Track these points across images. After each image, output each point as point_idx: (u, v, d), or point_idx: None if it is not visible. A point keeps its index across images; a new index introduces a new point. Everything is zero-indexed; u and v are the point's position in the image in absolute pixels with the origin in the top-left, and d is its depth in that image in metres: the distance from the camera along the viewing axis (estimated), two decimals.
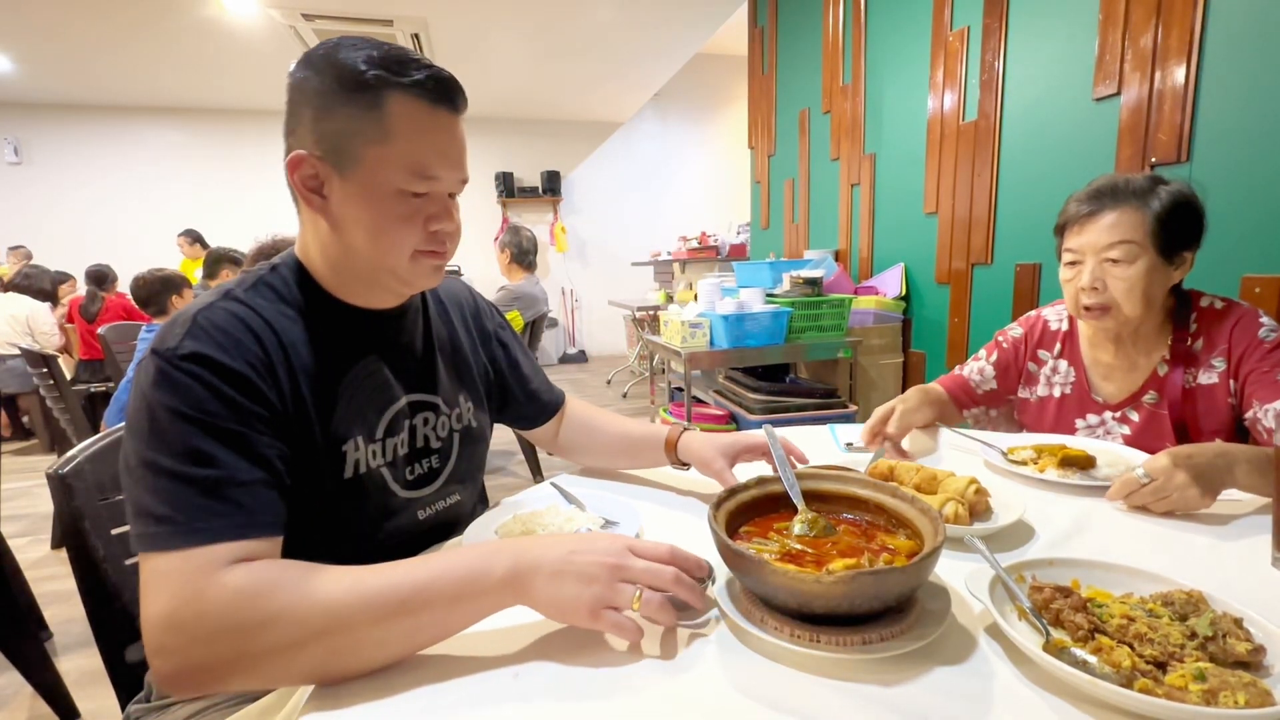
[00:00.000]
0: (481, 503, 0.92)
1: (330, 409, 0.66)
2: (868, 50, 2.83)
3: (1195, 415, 1.03)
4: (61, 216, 5.95)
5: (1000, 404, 1.30)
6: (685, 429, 0.91)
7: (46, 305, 4.13)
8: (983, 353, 1.29)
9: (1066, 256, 1.08)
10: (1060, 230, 1.10)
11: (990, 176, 2.18)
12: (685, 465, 0.92)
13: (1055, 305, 1.24)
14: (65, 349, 4.19)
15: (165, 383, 0.56)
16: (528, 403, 0.96)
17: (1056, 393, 1.19)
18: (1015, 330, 1.26)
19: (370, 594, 0.51)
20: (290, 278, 0.69)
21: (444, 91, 0.64)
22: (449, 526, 0.80)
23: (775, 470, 0.72)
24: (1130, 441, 1.07)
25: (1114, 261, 1.00)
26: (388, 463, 0.72)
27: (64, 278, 4.72)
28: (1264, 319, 1.00)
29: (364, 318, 0.72)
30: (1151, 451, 0.92)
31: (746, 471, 0.78)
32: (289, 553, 0.61)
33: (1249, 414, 0.98)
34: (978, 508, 0.76)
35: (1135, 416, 1.09)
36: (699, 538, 0.75)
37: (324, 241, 0.68)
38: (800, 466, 0.78)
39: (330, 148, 0.63)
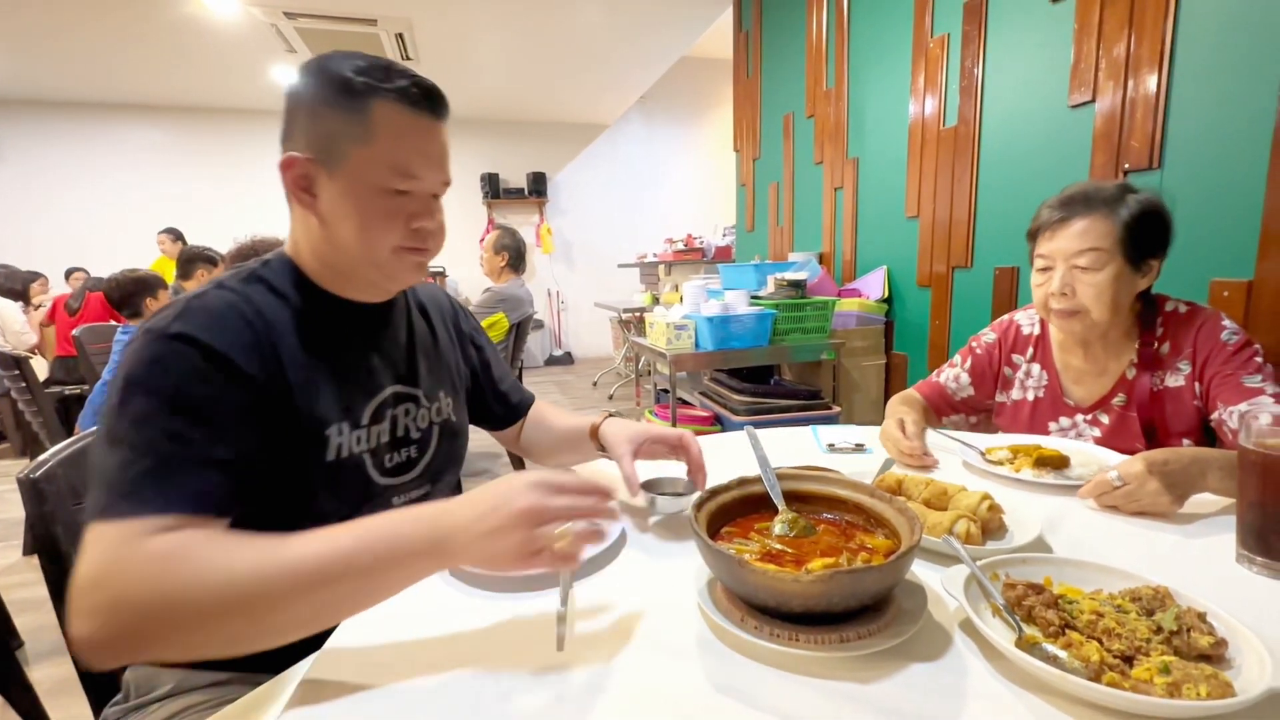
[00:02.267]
0: None
1: (316, 394, 0.69)
2: (850, 56, 2.86)
3: (1164, 417, 1.06)
4: (37, 215, 5.81)
5: (978, 411, 1.32)
6: (610, 415, 0.95)
7: (18, 305, 4.04)
8: (957, 359, 1.31)
9: (1038, 262, 1.10)
10: (1032, 236, 1.12)
11: (970, 181, 2.21)
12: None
13: (1027, 309, 1.26)
14: (39, 349, 4.10)
15: (149, 357, 0.59)
16: (498, 403, 1.01)
17: (1030, 396, 1.21)
18: (989, 335, 1.28)
19: (290, 563, 0.51)
20: (281, 272, 0.73)
21: (425, 98, 0.69)
22: None
23: (759, 470, 0.72)
24: (1101, 443, 1.09)
25: (1083, 268, 1.03)
26: (369, 449, 0.74)
27: (35, 277, 4.62)
28: (1226, 322, 1.03)
29: (352, 310, 0.76)
30: (1123, 452, 0.95)
31: (651, 470, 0.82)
32: (266, 528, 0.61)
33: (1214, 415, 1.00)
34: (990, 525, 0.73)
35: (1105, 419, 1.12)
36: (681, 538, 0.76)
37: (314, 238, 0.72)
38: (782, 467, 0.79)
39: (320, 149, 0.68)
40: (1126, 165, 1.66)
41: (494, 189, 6.76)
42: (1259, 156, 1.38)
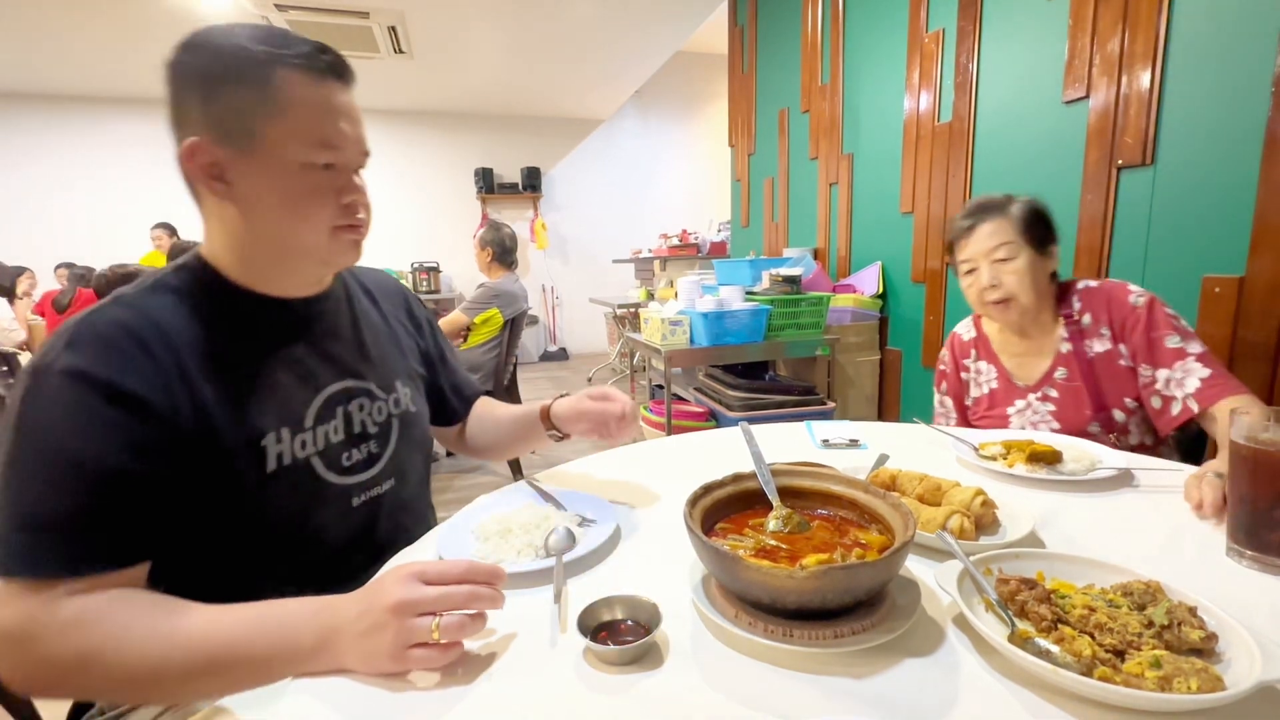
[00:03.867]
0: (423, 503, 0.90)
1: (243, 404, 0.65)
2: (846, 51, 2.85)
3: (1103, 381, 1.18)
4: (22, 209, 5.75)
5: (972, 426, 1.39)
6: (559, 397, 0.93)
7: (3, 300, 4.00)
8: (935, 389, 1.45)
9: (962, 267, 1.26)
10: (950, 247, 1.30)
11: (964, 177, 2.21)
12: (562, 435, 0.94)
13: (964, 320, 1.42)
14: (27, 345, 4.06)
15: (39, 400, 0.55)
16: (453, 395, 0.98)
17: (985, 389, 1.34)
18: (944, 354, 1.43)
19: (183, 645, 0.52)
20: (195, 277, 0.67)
21: (330, 65, 0.65)
22: (379, 517, 0.78)
23: (753, 466, 0.72)
24: (1057, 416, 1.21)
25: (1002, 260, 1.19)
26: (318, 451, 0.70)
27: (20, 271, 4.57)
28: (1132, 286, 1.16)
29: (281, 307, 0.71)
30: (1078, 421, 1.18)
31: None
32: (215, 550, 0.64)
33: (1142, 375, 1.12)
34: (984, 520, 0.73)
35: (1054, 393, 1.23)
36: (676, 535, 0.76)
37: (232, 230, 0.66)
38: (776, 463, 0.79)
39: (226, 130, 0.62)
40: (1120, 161, 1.66)
41: (488, 184, 6.72)
42: (1251, 153, 1.38)
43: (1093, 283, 1.22)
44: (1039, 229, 1.20)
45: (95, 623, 0.53)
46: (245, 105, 0.61)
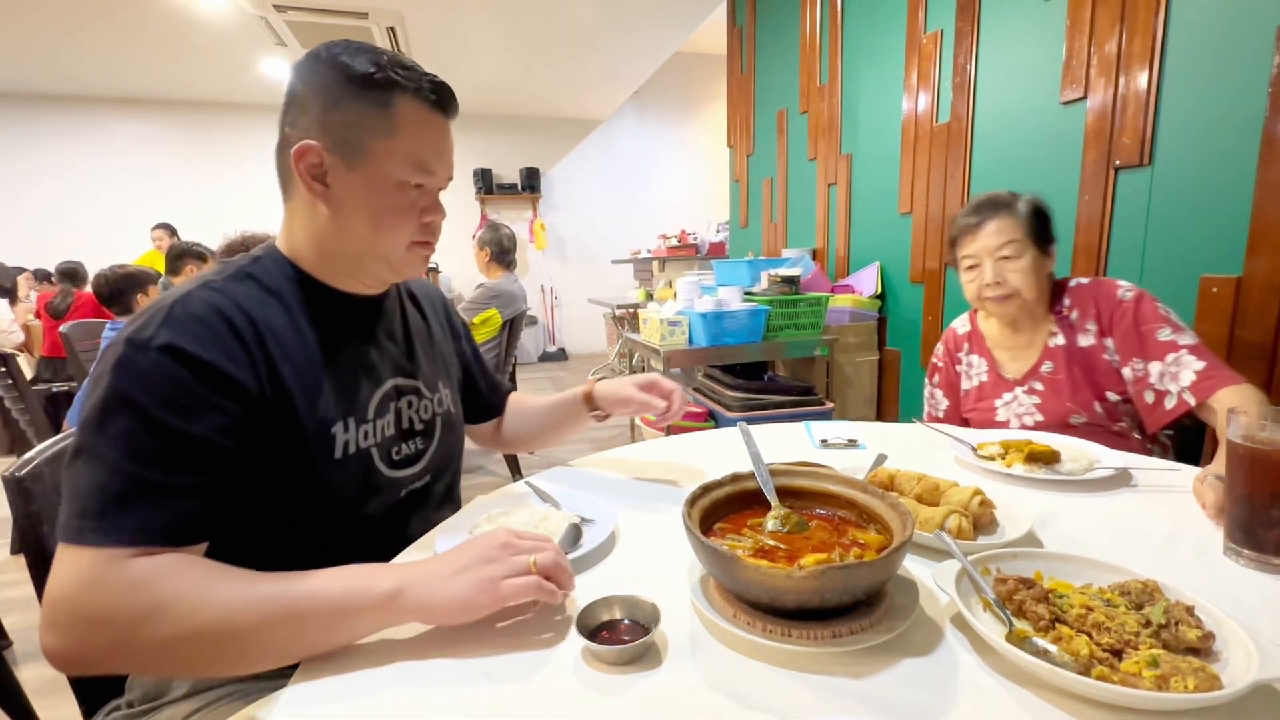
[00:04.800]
0: (450, 501, 0.92)
1: (317, 392, 0.68)
2: (844, 52, 2.86)
3: (1087, 375, 1.19)
4: (22, 210, 5.74)
5: (960, 422, 1.40)
6: (598, 380, 1.00)
7: (4, 301, 3.99)
8: (927, 380, 1.47)
9: (965, 262, 1.28)
10: (953, 243, 1.30)
11: (962, 177, 2.22)
12: (603, 415, 1.01)
13: (960, 316, 1.44)
14: (26, 347, 4.05)
15: (132, 372, 0.57)
16: (490, 393, 1.04)
17: (975, 382, 1.36)
18: (939, 349, 1.45)
19: (258, 598, 0.53)
20: (274, 267, 0.71)
21: (442, 98, 0.71)
22: (417, 511, 0.82)
23: (752, 466, 0.72)
24: (1042, 408, 1.23)
25: (1007, 257, 1.20)
26: (376, 443, 0.74)
27: (20, 271, 4.56)
28: (1121, 282, 1.18)
29: (349, 303, 0.75)
30: (1059, 413, 1.19)
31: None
32: (271, 531, 0.65)
33: (1127, 371, 1.13)
34: (982, 520, 0.73)
35: (1040, 386, 1.25)
36: (674, 535, 0.76)
37: (318, 227, 0.70)
38: (775, 463, 0.79)
39: (338, 139, 0.67)
40: (1118, 162, 1.67)
41: (487, 184, 6.73)
42: (1248, 153, 1.39)
43: (1085, 280, 1.24)
44: (1043, 228, 1.21)
45: (164, 578, 0.53)
46: (360, 121, 0.67)
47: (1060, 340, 1.22)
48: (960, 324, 1.42)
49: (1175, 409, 1.05)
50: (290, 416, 0.65)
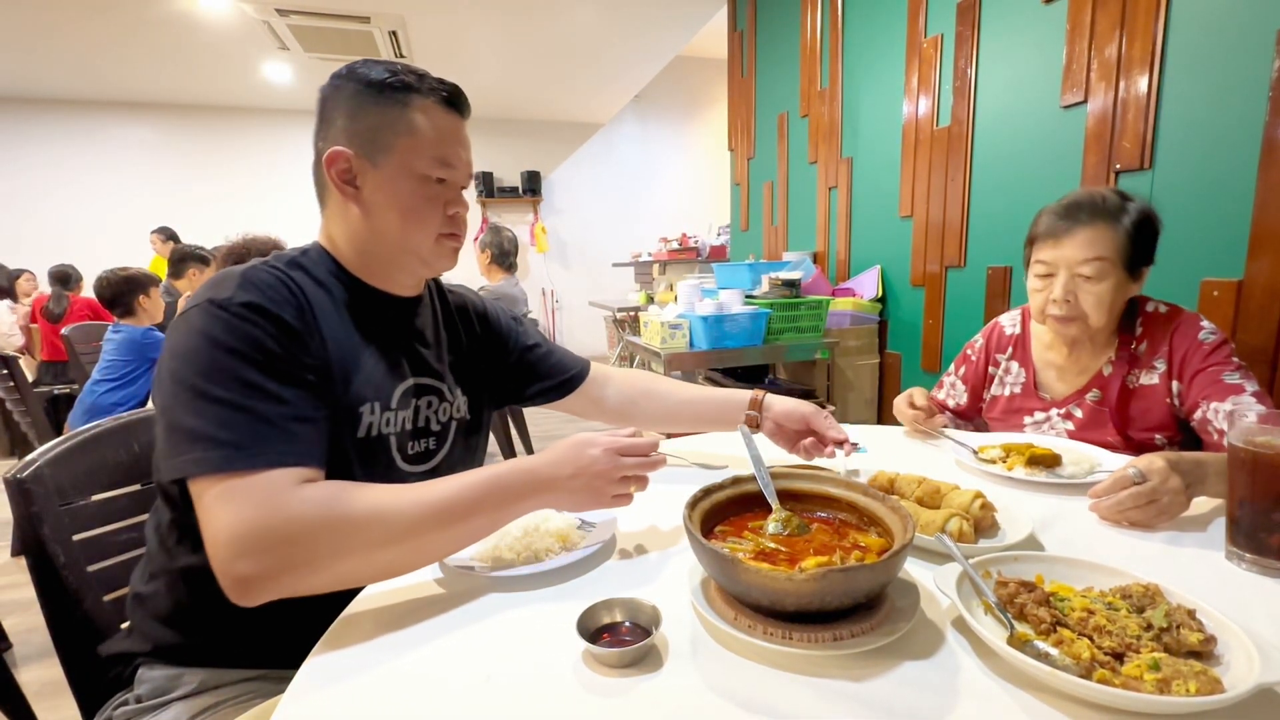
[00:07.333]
0: None
1: (352, 372, 0.72)
2: (845, 55, 2.86)
3: (1135, 412, 1.09)
4: (22, 214, 5.75)
5: (971, 417, 1.35)
6: (776, 393, 1.01)
7: (5, 303, 4.00)
8: (953, 368, 1.37)
9: (1038, 268, 1.10)
10: (1031, 242, 1.13)
11: (963, 181, 2.22)
12: (759, 422, 1.00)
13: (1011, 312, 1.30)
14: (27, 349, 4.06)
15: (221, 324, 0.62)
16: (559, 372, 1.03)
17: (1007, 391, 1.26)
18: (978, 341, 1.33)
19: (434, 504, 0.62)
20: (319, 262, 0.76)
21: (455, 97, 0.77)
22: None
23: (753, 469, 0.72)
24: (1075, 435, 1.13)
25: (1086, 277, 1.04)
26: (395, 432, 0.77)
27: (20, 274, 4.57)
28: (1204, 323, 1.05)
29: (384, 301, 0.80)
30: (1097, 444, 1.03)
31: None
32: None
33: (1198, 414, 1.01)
34: (983, 523, 0.73)
35: (1079, 413, 1.15)
36: (675, 537, 0.76)
37: (354, 228, 0.76)
38: (775, 466, 0.79)
39: (364, 142, 0.73)
40: (1118, 166, 1.67)
41: (488, 188, 6.74)
42: (1249, 157, 1.39)
43: (1163, 307, 1.09)
44: (1144, 249, 1.04)
45: (341, 495, 0.59)
46: (382, 123, 0.72)
47: (1117, 370, 1.10)
48: (1009, 323, 1.28)
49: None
50: (329, 386, 0.69)
